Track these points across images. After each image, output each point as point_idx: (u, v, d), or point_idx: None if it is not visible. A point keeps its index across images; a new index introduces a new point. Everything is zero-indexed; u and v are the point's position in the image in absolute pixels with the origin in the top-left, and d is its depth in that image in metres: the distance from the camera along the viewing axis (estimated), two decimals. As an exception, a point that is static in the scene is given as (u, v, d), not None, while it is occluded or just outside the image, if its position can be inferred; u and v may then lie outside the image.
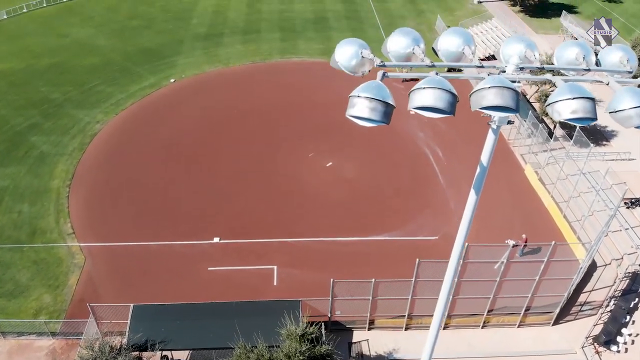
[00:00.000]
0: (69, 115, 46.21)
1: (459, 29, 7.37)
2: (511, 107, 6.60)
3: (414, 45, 7.25)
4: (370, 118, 6.69)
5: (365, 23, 67.45)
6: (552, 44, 61.97)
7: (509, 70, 7.68)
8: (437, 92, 6.62)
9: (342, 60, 7.24)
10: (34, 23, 64.95)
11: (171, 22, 65.77)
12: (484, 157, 9.30)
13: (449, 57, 7.42)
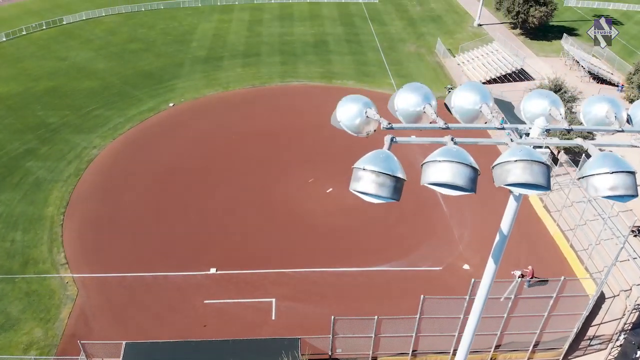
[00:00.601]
0: (66, 140, 45.53)
1: (475, 83, 6.52)
2: (542, 185, 5.70)
3: (425, 103, 6.41)
4: (379, 195, 5.81)
5: (365, 46, 67.25)
6: (554, 67, 61.70)
7: (533, 133, 6.78)
8: (455, 167, 5.76)
9: (344, 120, 6.44)
10: (33, 46, 64.69)
11: (171, 45, 65.52)
12: (505, 225, 8.32)
13: (464, 115, 6.55)
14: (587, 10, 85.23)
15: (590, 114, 7.00)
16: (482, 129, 6.60)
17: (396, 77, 59.12)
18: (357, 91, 55.96)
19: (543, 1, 68.57)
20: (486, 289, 9.59)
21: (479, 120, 6.49)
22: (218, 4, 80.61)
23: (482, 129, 6.73)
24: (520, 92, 51.51)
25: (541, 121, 6.48)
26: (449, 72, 60.38)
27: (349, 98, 6.58)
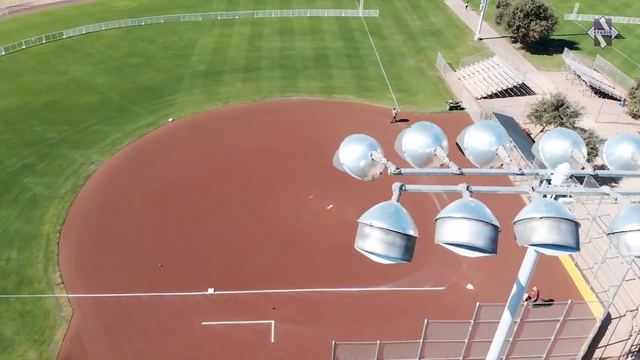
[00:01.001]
0: (64, 156, 45.06)
1: (490, 123, 5.96)
2: (571, 246, 5.09)
3: (436, 145, 5.82)
4: (388, 255, 5.22)
5: (365, 61, 67.04)
6: (555, 81, 61.43)
7: (556, 180, 6.16)
8: (475, 226, 5.10)
9: (347, 162, 5.87)
10: (32, 60, 64.47)
11: (171, 59, 65.30)
12: (523, 276, 7.64)
13: (479, 157, 5.97)
14: (588, 23, 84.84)
15: (614, 155, 6.36)
16: (500, 174, 6.01)
17: (396, 91, 58.81)
18: (358, 106, 55.83)
19: (544, 15, 68.48)
20: (500, 343, 8.96)
21: (495, 163, 5.91)
22: (219, 18, 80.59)
23: (500, 174, 6.11)
24: (522, 107, 51.30)
25: (565, 168, 5.85)
26: (450, 87, 60.07)
27: (353, 138, 6.02)
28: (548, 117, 45.87)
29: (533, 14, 68.24)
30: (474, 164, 6.06)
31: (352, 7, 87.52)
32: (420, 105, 55.69)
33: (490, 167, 5.89)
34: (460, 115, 53.50)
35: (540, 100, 47.59)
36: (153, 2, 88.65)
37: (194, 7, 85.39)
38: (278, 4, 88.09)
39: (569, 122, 45.66)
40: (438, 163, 5.87)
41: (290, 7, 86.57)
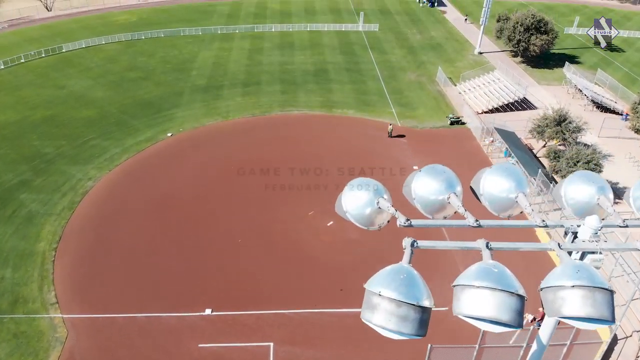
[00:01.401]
0: (61, 171, 44.54)
1: (509, 167, 5.35)
2: (607, 319, 4.51)
3: (449, 192, 5.23)
4: (400, 331, 4.59)
5: (365, 75, 66.81)
6: (557, 95, 61.15)
7: (583, 234, 5.45)
8: (499, 297, 4.42)
9: (351, 210, 5.29)
10: (31, 74, 64.20)
11: (170, 73, 65.04)
12: (544, 337, 6.98)
13: (496, 205, 5.33)
14: (588, 37, 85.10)
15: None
16: (522, 226, 5.42)
17: (397, 105, 58.49)
18: (358, 120, 55.47)
19: (544, 29, 68.39)
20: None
21: (514, 211, 5.32)
22: (219, 32, 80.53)
23: (522, 227, 5.49)
24: (523, 122, 50.94)
25: (594, 221, 5.19)
26: (450, 101, 59.74)
27: (357, 183, 5.46)
28: (550, 132, 45.47)
29: (533, 28, 68.17)
30: (489, 211, 5.50)
31: (352, 21, 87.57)
32: (420, 120, 55.32)
33: (508, 215, 5.33)
34: (461, 130, 53.09)
35: (542, 116, 47.22)
36: (153, 16, 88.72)
37: (194, 21, 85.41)
38: (278, 18, 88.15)
39: (571, 138, 45.26)
40: (451, 211, 5.31)
41: (290, 21, 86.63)
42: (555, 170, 41.19)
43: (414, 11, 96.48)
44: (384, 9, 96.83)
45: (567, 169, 40.21)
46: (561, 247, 4.94)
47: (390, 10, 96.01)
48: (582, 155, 39.91)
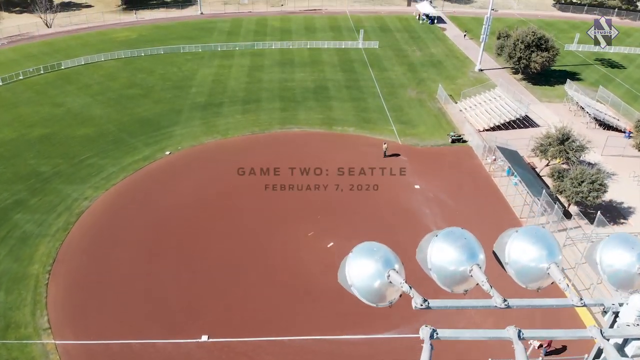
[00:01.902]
0: (57, 191, 43.87)
1: (539, 230, 4.54)
2: None
3: (472, 262, 4.43)
4: None
5: (365, 92, 66.43)
6: (558, 113, 60.72)
7: (627, 316, 4.52)
8: None
9: (357, 282, 4.46)
10: (29, 91, 63.78)
11: (170, 91, 64.64)
12: None
13: (525, 275, 4.50)
14: (589, 54, 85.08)
15: None
16: (556, 307, 4.62)
17: (397, 123, 57.99)
18: (358, 137, 54.93)
19: (545, 46, 68.13)
20: None
21: (543, 283, 4.55)
22: (219, 49, 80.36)
23: (556, 307, 4.66)
24: (525, 140, 50.37)
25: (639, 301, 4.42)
26: (451, 119, 59.24)
27: (364, 250, 4.68)
28: (553, 151, 44.89)
29: (534, 45, 67.92)
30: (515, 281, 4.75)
31: (352, 38, 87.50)
32: (421, 138, 54.77)
33: (538, 288, 4.60)
34: (462, 148, 52.51)
35: (544, 134, 46.66)
36: (153, 33, 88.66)
37: (194, 38, 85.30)
38: (278, 36, 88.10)
39: (574, 156, 44.65)
40: (473, 284, 4.57)
41: (291, 38, 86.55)
42: (560, 190, 40.49)
43: (414, 28, 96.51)
44: (383, 26, 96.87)
45: (572, 188, 39.51)
46: (603, 334, 4.19)
47: (390, 28, 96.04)
48: (586, 175, 39.23)
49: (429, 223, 40.49)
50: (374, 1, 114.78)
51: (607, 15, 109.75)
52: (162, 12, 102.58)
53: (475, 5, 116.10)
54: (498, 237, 4.96)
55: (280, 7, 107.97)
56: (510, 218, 41.53)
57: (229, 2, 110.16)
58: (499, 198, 44.18)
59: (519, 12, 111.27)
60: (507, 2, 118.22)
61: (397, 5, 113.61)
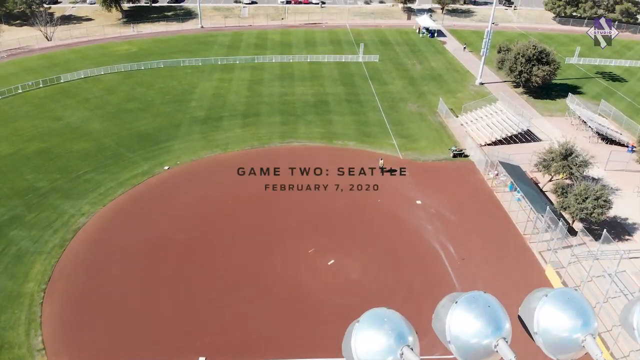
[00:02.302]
0: (54, 207, 43.28)
1: (571, 293, 3.84)
2: None
3: (497, 335, 3.76)
4: None
5: (366, 106, 66.09)
6: (560, 127, 60.33)
7: None
8: None
9: (365, 358, 3.84)
10: (28, 104, 63.41)
11: (169, 105, 64.29)
12: None
13: (555, 346, 3.80)
14: (590, 67, 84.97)
15: None
16: None
17: (398, 137, 57.54)
18: (359, 152, 54.49)
19: (546, 60, 67.94)
20: None
21: (576, 355, 3.91)
22: (219, 63, 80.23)
23: None
24: (528, 155, 49.92)
25: None
26: (453, 133, 58.80)
27: (373, 320, 3.91)
28: (557, 166, 44.38)
29: (535, 59, 67.73)
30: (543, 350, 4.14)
31: (352, 52, 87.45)
32: (422, 152, 54.28)
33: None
34: (464, 163, 52.02)
35: (547, 149, 46.17)
36: (154, 47, 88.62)
37: (194, 52, 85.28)
38: (278, 50, 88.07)
39: (578, 172, 44.12)
40: (497, 358, 3.96)
41: (291, 52, 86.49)
42: (564, 206, 39.92)
43: (414, 42, 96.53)
44: (384, 39, 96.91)
45: (576, 205, 38.95)
46: None
47: (390, 41, 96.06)
48: (590, 192, 38.69)
49: (431, 239, 39.87)
50: (374, 15, 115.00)
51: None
52: (163, 25, 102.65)
53: (474, 18, 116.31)
54: (524, 300, 4.37)
55: (281, 21, 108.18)
56: (513, 234, 40.91)
57: (229, 15, 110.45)
58: (502, 214, 43.59)
59: (518, 26, 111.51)
60: (507, 15, 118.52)
61: (397, 18, 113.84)
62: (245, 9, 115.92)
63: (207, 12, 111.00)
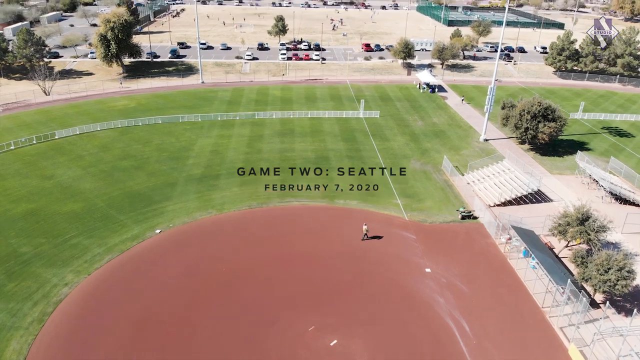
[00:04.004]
0: (36, 275, 40.30)
1: None
2: None
3: None
4: None
5: (368, 163, 64.03)
6: (571, 186, 58.02)
7: None
8: None
9: None
10: (19, 162, 61.29)
11: (165, 162, 62.21)
12: None
13: None
14: (595, 122, 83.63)
15: None
16: None
17: (402, 196, 55.12)
18: (362, 212, 51.79)
19: (552, 117, 66.43)
20: None
21: None
22: (219, 119, 78.93)
23: None
24: (541, 218, 47.37)
25: None
26: (460, 192, 56.36)
27: None
28: (573, 232, 41.69)
29: (541, 116, 66.24)
30: None
31: (353, 108, 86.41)
32: (429, 213, 51.67)
33: None
34: (473, 226, 49.29)
35: (562, 213, 43.60)
36: (153, 102, 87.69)
37: (194, 107, 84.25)
38: (279, 105, 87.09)
39: (596, 238, 41.39)
40: None
41: (291, 108, 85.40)
42: (585, 278, 36.95)
43: (415, 97, 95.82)
44: (384, 95, 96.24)
45: (598, 277, 36.01)
46: None
47: (390, 97, 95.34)
48: (613, 262, 35.85)
49: (444, 314, 36.65)
50: (374, 71, 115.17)
51: (609, 81, 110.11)
52: (163, 80, 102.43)
53: (475, 73, 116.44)
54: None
55: (282, 77, 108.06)
56: (531, 308, 37.72)
57: (230, 71, 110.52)
58: (517, 283, 40.51)
59: (519, 80, 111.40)
60: (507, 70, 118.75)
61: (397, 74, 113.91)
62: (246, 64, 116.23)
63: (209, 68, 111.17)
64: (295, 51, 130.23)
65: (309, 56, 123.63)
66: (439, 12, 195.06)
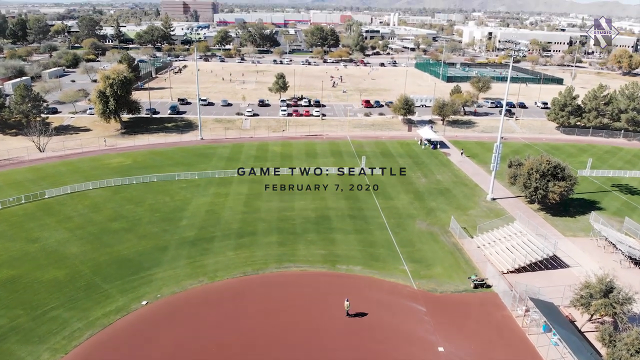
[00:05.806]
0: (9, 353, 36.50)
1: None
2: None
3: None
4: None
5: (371, 223, 60.97)
6: (587, 250, 54.67)
7: None
8: None
9: None
10: (4, 223, 58.23)
11: (157, 224, 59.08)
12: None
13: None
14: (604, 179, 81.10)
15: None
16: None
17: (409, 261, 51.69)
18: (365, 280, 47.93)
19: (561, 175, 63.85)
20: None
21: None
22: (216, 176, 76.47)
23: None
24: (560, 287, 43.83)
25: None
26: (470, 257, 52.89)
27: None
28: (597, 305, 38.11)
29: (550, 174, 63.66)
30: None
31: (354, 164, 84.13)
32: (439, 281, 48.07)
33: None
34: (487, 296, 45.61)
35: (583, 284, 40.17)
36: (149, 159, 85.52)
37: (191, 165, 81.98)
38: (279, 161, 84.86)
39: (622, 311, 37.80)
40: None
41: (292, 164, 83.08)
42: (614, 359, 33.17)
43: (417, 153, 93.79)
44: (385, 151, 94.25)
45: (629, 357, 32.25)
46: None
47: (392, 153, 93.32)
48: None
49: (459, 402, 32.62)
50: (374, 127, 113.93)
51: (614, 136, 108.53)
52: (162, 136, 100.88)
53: (476, 129, 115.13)
54: None
55: (282, 133, 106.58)
56: None
57: (230, 127, 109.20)
58: None
59: (522, 136, 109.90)
60: (509, 126, 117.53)
61: (397, 130, 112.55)
62: (246, 121, 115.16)
63: (208, 124, 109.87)
64: (295, 107, 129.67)
65: (309, 112, 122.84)
66: (437, 69, 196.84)
